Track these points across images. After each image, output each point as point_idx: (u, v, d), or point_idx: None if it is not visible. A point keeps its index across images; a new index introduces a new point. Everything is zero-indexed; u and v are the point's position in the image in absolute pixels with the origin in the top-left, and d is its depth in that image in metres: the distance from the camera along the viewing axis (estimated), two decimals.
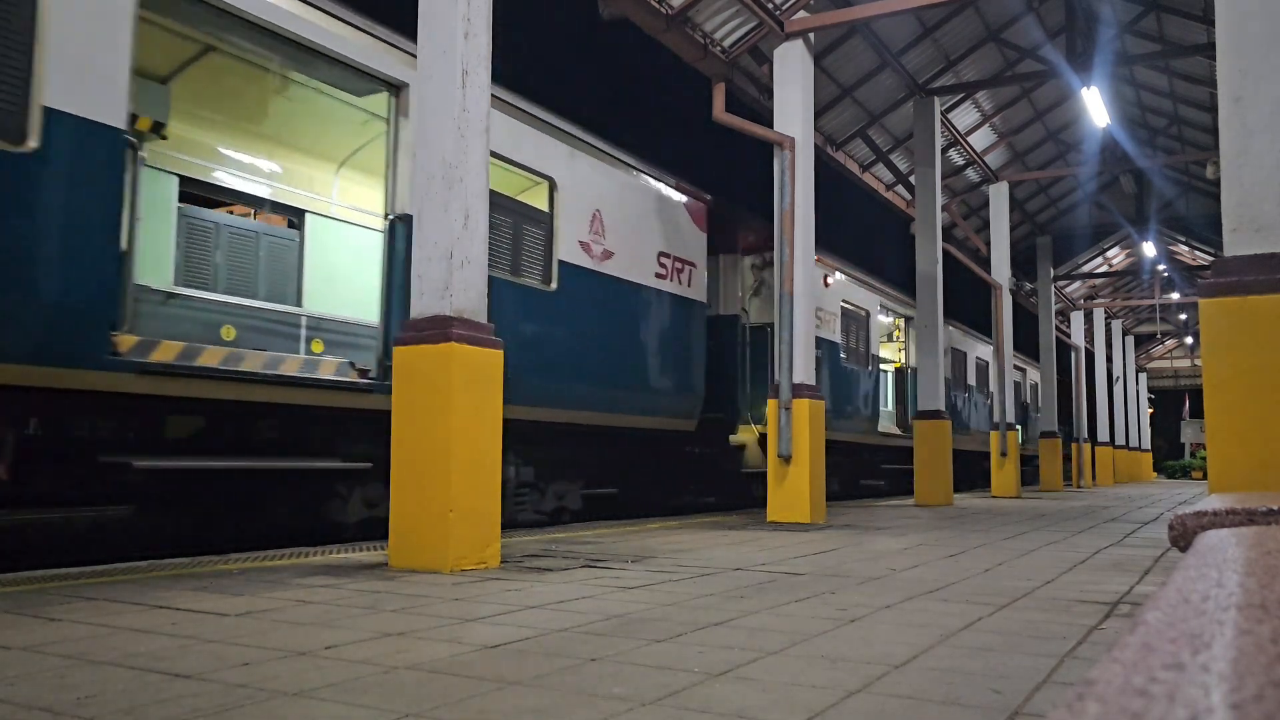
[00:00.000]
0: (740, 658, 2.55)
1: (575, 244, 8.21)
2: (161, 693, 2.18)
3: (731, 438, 11.20)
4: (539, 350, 7.68)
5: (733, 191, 12.47)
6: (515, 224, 7.66)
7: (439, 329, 4.72)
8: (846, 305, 14.07)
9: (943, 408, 12.47)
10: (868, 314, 14.93)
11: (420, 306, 4.88)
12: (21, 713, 2.02)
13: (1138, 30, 14.04)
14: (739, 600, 3.61)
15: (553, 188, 8.01)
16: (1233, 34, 4.19)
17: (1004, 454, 14.98)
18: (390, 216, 6.56)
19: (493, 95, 7.29)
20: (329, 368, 6.42)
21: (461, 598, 3.66)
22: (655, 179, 9.44)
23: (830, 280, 13.45)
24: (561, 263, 7.97)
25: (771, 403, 8.49)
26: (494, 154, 7.00)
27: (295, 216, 8.57)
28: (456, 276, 4.81)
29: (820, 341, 12.42)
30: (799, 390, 8.45)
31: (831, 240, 13.73)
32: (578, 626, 3.02)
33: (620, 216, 8.78)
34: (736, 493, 11.76)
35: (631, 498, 10.08)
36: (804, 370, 8.57)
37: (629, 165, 9.05)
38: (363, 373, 6.46)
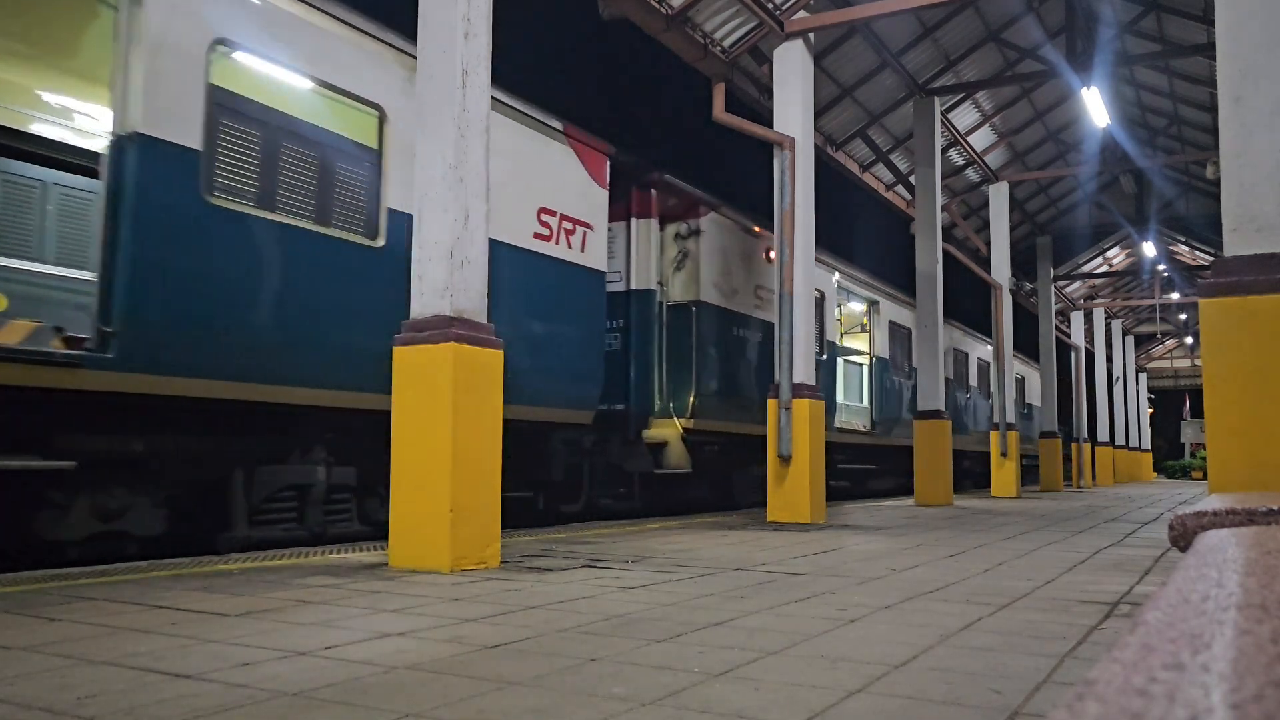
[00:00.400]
0: (740, 658, 2.55)
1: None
2: (161, 693, 2.18)
3: (646, 433, 9.74)
4: (361, 319, 6.15)
5: (732, 192, 12.15)
6: (323, 160, 6.15)
7: (439, 329, 4.72)
8: None
9: (943, 408, 12.47)
10: (821, 295, 13.20)
11: (420, 306, 4.88)
12: (21, 713, 2.02)
13: (1138, 30, 14.04)
14: (739, 600, 3.61)
15: (382, 119, 6.47)
16: (1233, 34, 4.19)
17: (1004, 454, 14.98)
18: (116, 135, 5.09)
19: None
20: (15, 332, 5.02)
21: (461, 598, 3.66)
22: (536, 120, 7.83)
23: (774, 254, 11.58)
24: (395, 212, 6.46)
25: (771, 403, 8.50)
26: (300, 72, 5.94)
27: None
28: (456, 276, 4.81)
29: (759, 324, 11.25)
30: (799, 390, 8.46)
31: (832, 241, 13.59)
32: (578, 626, 3.02)
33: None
34: (652, 497, 10.10)
35: (505, 501, 8.33)
36: (804, 370, 8.59)
37: (497, 100, 7.29)
38: (74, 342, 5.04)
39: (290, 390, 5.79)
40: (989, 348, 20.99)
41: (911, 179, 14.71)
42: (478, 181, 4.98)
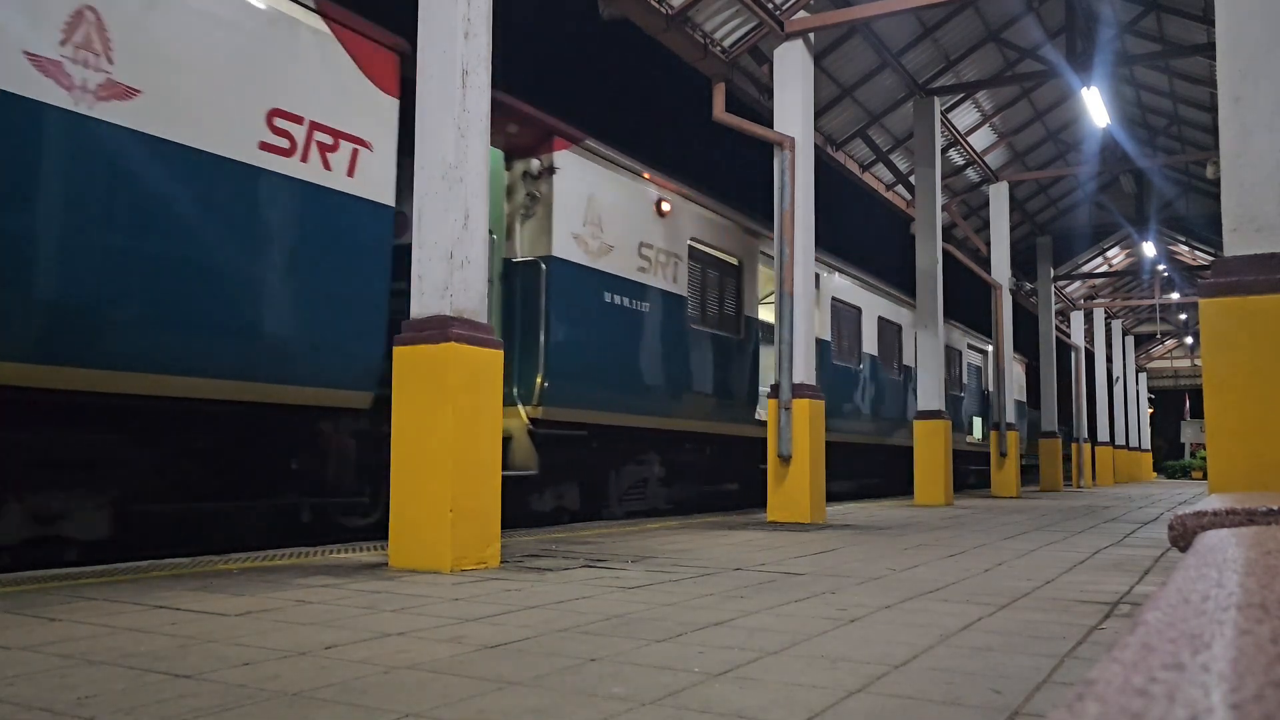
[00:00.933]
0: (740, 658, 2.55)
1: (18, 57, 4.38)
2: (161, 693, 2.18)
3: None
4: None
5: (731, 190, 11.89)
6: None
7: (439, 329, 4.73)
8: (701, 247, 10.22)
9: (943, 408, 12.47)
10: (740, 265, 10.99)
11: (420, 306, 4.88)
12: (21, 713, 2.02)
13: (1138, 30, 14.04)
14: (739, 600, 3.61)
15: None
16: (1233, 34, 4.19)
17: (1003, 454, 14.99)
18: None
19: None
20: None
21: (461, 598, 3.66)
22: None
23: (667, 206, 9.56)
24: None
25: (771, 402, 8.50)
26: None
27: None
28: (456, 276, 4.82)
29: (643, 289, 9.06)
30: (799, 390, 8.46)
31: (829, 240, 13.51)
32: (578, 626, 3.02)
33: (163, 31, 5.02)
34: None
35: (233, 516, 6.09)
36: (804, 370, 8.59)
37: None
38: None
39: None
40: (956, 331, 20.38)
41: (911, 179, 14.71)
42: (478, 181, 4.98)
